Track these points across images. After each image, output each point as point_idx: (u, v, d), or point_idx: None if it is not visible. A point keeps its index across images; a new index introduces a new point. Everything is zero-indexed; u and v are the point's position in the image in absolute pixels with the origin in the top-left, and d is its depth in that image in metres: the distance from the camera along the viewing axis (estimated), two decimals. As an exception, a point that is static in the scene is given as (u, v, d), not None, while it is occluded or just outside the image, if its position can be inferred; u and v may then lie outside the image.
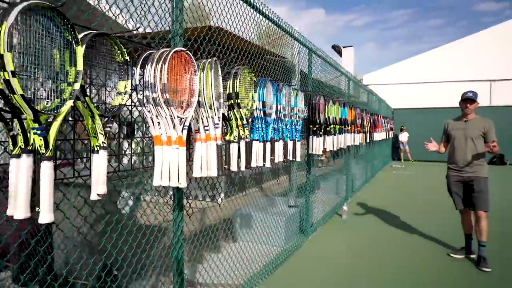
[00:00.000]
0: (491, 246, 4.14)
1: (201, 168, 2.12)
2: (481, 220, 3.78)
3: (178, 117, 1.79)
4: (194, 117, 2.11)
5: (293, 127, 3.45)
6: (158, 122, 1.79)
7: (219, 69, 2.19)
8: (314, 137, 4.21)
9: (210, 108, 2.06)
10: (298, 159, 3.50)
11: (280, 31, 4.01)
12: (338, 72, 6.60)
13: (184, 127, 1.85)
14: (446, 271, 3.66)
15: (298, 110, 3.53)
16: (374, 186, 9.28)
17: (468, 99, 3.92)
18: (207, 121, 2.09)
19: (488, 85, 15.32)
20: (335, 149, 5.10)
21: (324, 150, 4.92)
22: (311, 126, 4.20)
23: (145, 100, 1.73)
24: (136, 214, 2.90)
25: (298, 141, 3.50)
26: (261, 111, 2.74)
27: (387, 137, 12.97)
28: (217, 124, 2.10)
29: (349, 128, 6.07)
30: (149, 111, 1.76)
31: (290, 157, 3.43)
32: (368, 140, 8.29)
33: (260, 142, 2.79)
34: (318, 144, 4.22)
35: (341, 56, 18.12)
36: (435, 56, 16.59)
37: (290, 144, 3.44)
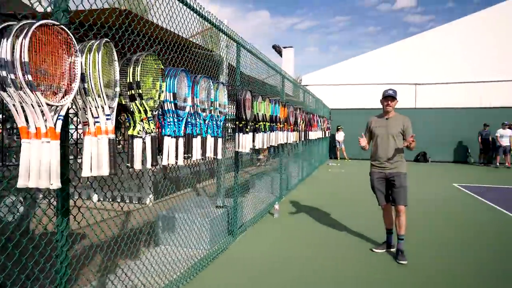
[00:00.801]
0: (410, 239, 4.31)
1: (91, 166, 1.84)
2: (401, 214, 3.91)
3: (48, 104, 1.50)
4: (82, 107, 1.82)
5: (214, 122, 3.25)
6: (24, 111, 1.48)
7: (114, 52, 1.92)
8: (241, 134, 4.06)
9: (99, 96, 1.78)
10: (219, 156, 3.32)
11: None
12: (273, 70, 6.54)
13: (59, 117, 1.56)
14: (367, 265, 3.71)
15: (220, 105, 3.34)
16: (309, 184, 9.44)
17: (389, 97, 4.02)
18: (97, 112, 1.81)
19: (413, 88, 16.51)
20: (265, 147, 5.01)
21: (253, 149, 4.81)
22: (237, 122, 4.04)
23: (3, 83, 1.41)
24: (27, 221, 2.50)
25: (219, 137, 3.32)
26: (172, 104, 2.51)
27: (324, 136, 13.35)
28: (109, 115, 1.83)
29: (281, 125, 6.04)
30: (10, 97, 1.45)
31: (210, 154, 3.23)
32: (303, 139, 8.39)
33: (172, 137, 2.56)
34: (244, 141, 4.07)
35: (281, 56, 18.36)
36: (368, 59, 17.51)
37: (210, 140, 3.24)
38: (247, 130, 4.07)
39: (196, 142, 2.95)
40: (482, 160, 14.88)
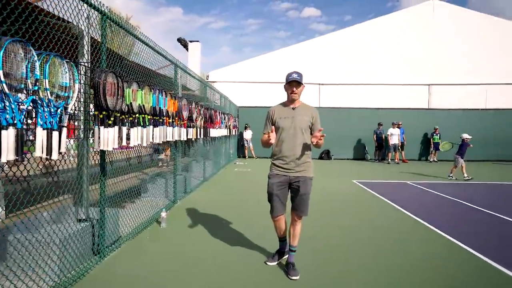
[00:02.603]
0: (304, 245, 3.91)
1: None
2: (297, 223, 3.41)
3: None
4: None
5: (46, 109, 2.35)
6: None
7: None
8: (102, 127, 3.17)
9: None
10: (54, 156, 2.42)
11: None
12: (163, 57, 5.70)
13: None
14: (258, 284, 3.17)
15: (55, 86, 2.44)
16: (212, 185, 8.78)
17: (294, 82, 3.32)
18: None
19: (317, 88, 17.06)
20: (144, 144, 4.19)
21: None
22: (96, 112, 3.15)
23: None
24: None
25: (55, 130, 2.42)
26: None
27: (229, 134, 12.86)
28: None
29: (171, 120, 5.25)
30: None
31: (40, 153, 2.33)
32: (202, 136, 7.69)
33: None
34: (107, 137, 3.20)
35: (187, 50, 17.42)
36: (276, 58, 17.54)
37: (42, 134, 2.34)
38: (109, 122, 3.20)
39: (7, 136, 2.03)
40: (377, 157, 16.00)
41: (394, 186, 9.06)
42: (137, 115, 3.96)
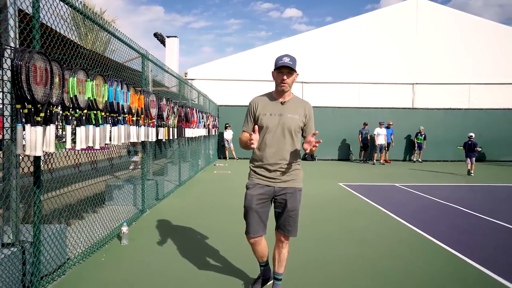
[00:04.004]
0: (292, 262, 3.24)
1: None
2: (285, 246, 2.72)
3: None
4: None
5: None
6: None
7: None
8: (28, 125, 2.39)
9: None
10: None
11: None
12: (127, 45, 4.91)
13: None
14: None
15: None
16: (188, 190, 8.00)
17: (285, 67, 2.58)
18: None
19: (300, 86, 16.46)
20: (97, 146, 3.42)
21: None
22: (19, 106, 2.36)
23: None
24: None
25: None
26: None
27: (209, 134, 12.09)
28: None
29: (135, 118, 4.49)
30: None
31: None
32: (176, 136, 6.92)
33: None
34: (34, 138, 2.42)
35: (165, 46, 16.52)
36: (258, 55, 16.83)
37: None
38: (38, 119, 2.42)
39: None
40: (362, 158, 15.56)
41: (383, 189, 8.53)
42: (85, 111, 3.19)
